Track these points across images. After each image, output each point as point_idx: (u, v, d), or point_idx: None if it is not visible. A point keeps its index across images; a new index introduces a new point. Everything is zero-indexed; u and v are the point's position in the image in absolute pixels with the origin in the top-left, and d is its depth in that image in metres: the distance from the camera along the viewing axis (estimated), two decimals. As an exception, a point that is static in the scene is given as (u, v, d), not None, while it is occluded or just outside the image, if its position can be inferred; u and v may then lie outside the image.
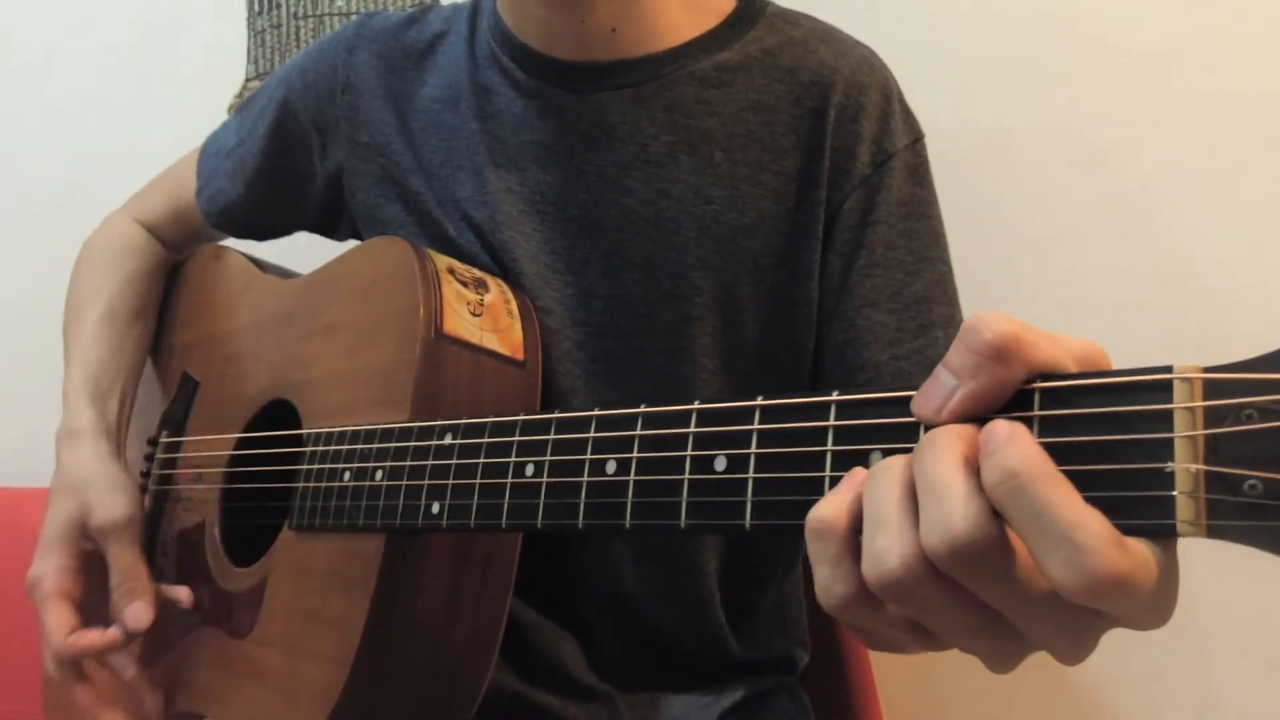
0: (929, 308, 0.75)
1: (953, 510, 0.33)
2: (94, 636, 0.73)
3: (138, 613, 0.73)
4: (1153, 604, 0.33)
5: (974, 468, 0.34)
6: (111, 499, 0.75)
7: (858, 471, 0.38)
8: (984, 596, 0.35)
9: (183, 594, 0.76)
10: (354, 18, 1.16)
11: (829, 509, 0.37)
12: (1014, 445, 0.33)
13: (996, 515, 0.33)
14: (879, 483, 0.36)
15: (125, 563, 0.74)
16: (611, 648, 0.77)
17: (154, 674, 0.78)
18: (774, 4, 0.80)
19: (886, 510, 0.35)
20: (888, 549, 0.35)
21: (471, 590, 0.65)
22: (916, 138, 0.77)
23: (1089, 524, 0.31)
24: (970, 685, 1.08)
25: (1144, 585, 0.32)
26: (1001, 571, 0.34)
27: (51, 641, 0.73)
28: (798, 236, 0.74)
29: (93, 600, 0.75)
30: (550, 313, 0.75)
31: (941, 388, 0.36)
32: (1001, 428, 0.33)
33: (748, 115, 0.75)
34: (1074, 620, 0.35)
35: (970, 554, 0.33)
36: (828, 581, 0.37)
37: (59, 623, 0.73)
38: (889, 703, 0.95)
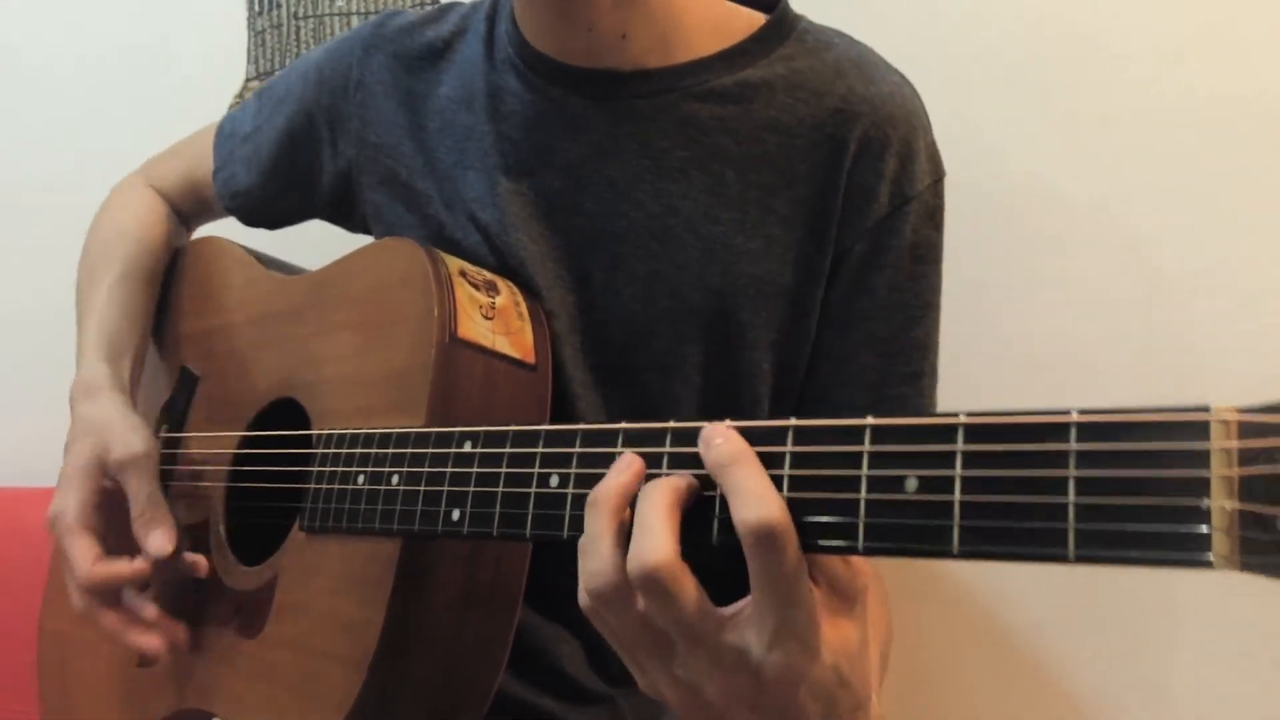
0: (922, 355, 0.75)
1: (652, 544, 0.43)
2: (120, 564, 0.72)
3: (160, 540, 0.72)
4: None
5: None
6: (129, 436, 0.75)
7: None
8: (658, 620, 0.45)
9: (200, 561, 0.75)
10: (369, 17, 1.15)
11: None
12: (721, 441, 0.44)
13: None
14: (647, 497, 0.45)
15: (145, 494, 0.74)
16: (613, 650, 0.78)
17: (159, 668, 0.78)
18: (807, 21, 0.78)
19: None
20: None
21: (484, 591, 0.66)
22: (938, 178, 0.76)
23: (761, 486, 0.42)
24: (970, 685, 1.09)
25: (789, 542, 0.41)
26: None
27: (78, 570, 0.72)
28: (802, 270, 0.74)
29: (112, 538, 0.74)
30: (555, 316, 0.75)
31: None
32: (714, 431, 0.45)
33: (765, 135, 0.73)
34: (724, 657, 0.44)
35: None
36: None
37: (84, 551, 0.72)
38: (889, 702, 0.97)
